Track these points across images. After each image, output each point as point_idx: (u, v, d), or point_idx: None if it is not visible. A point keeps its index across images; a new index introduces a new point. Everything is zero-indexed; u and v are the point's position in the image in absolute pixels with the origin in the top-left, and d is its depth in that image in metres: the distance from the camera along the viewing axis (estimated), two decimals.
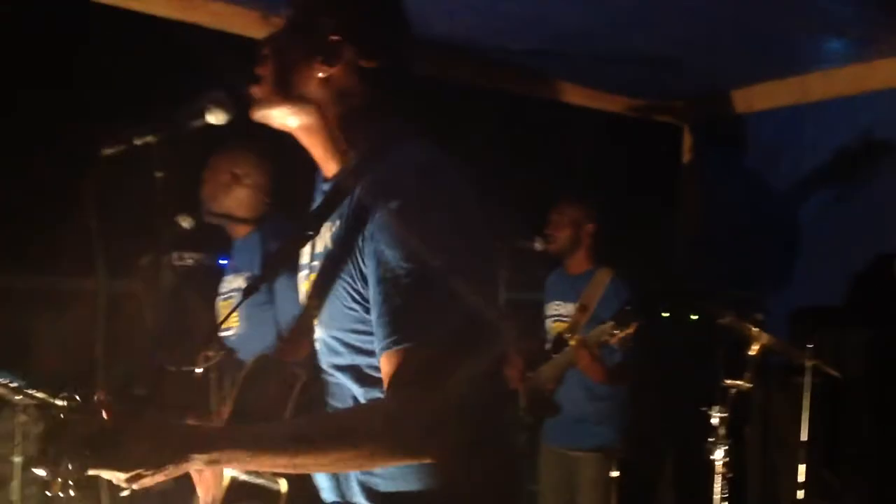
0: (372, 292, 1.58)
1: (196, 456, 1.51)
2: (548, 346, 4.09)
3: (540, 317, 4.24)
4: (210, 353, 3.17)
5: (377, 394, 1.63)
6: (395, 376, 1.54)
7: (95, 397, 1.51)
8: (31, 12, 3.52)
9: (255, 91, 1.73)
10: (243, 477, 1.79)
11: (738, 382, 3.53)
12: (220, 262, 3.77)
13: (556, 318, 4.14)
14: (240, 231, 3.43)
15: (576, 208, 4.10)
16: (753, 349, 3.57)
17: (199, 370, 3.12)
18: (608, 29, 4.12)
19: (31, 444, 3.46)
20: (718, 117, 5.20)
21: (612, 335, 3.58)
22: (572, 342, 3.80)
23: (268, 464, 1.57)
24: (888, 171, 4.36)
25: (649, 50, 4.39)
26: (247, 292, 1.84)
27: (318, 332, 1.73)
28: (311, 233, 1.74)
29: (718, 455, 3.54)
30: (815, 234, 4.68)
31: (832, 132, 4.66)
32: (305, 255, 1.82)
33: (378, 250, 1.56)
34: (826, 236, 4.60)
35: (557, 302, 4.16)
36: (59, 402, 3.59)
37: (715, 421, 3.54)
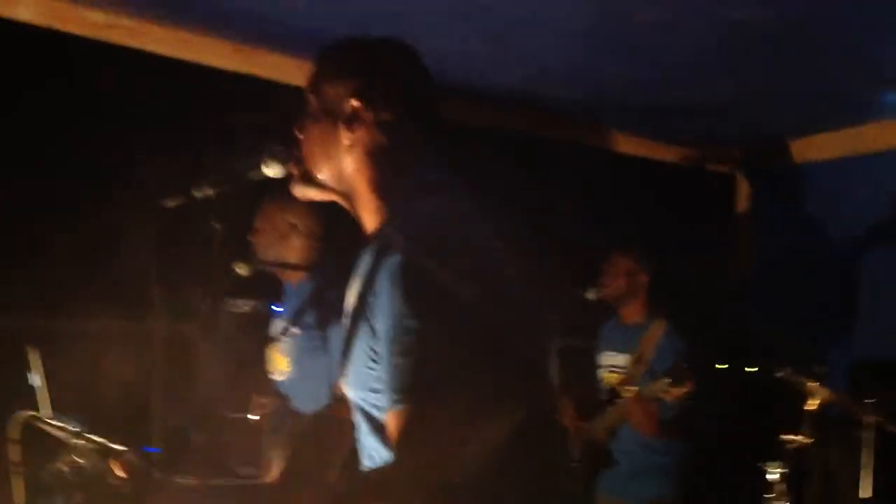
0: (382, 350, 1.57)
1: None
2: (602, 396, 4.07)
3: (593, 365, 4.22)
4: (264, 401, 3.20)
5: None
6: (397, 438, 1.53)
7: (120, 455, 1.52)
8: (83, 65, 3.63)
9: (294, 170, 1.81)
10: None
11: (797, 437, 3.47)
12: (275, 308, 3.83)
13: (611, 368, 4.12)
14: (293, 277, 3.48)
15: (629, 258, 4.09)
16: (812, 403, 3.51)
17: (254, 417, 3.15)
18: (662, 79, 4.14)
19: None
20: (773, 167, 5.18)
21: (667, 392, 3.55)
22: (626, 394, 3.77)
23: None
24: None
25: (704, 100, 4.39)
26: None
27: (349, 394, 1.72)
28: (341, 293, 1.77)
29: None
30: (874, 286, 4.62)
31: (887, 183, 4.62)
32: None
33: (383, 306, 1.56)
34: (884, 288, 4.54)
35: (611, 352, 4.14)
36: (118, 448, 3.63)
37: (772, 476, 3.46)
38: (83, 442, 3.46)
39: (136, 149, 3.41)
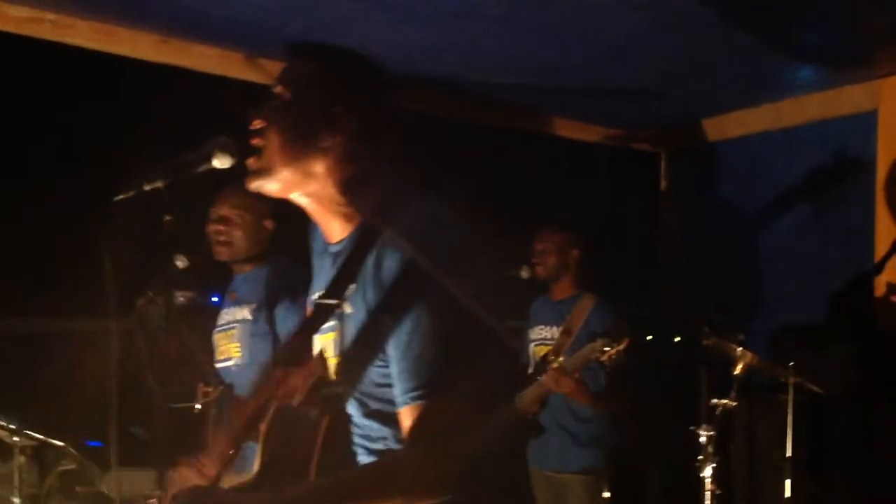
0: (392, 349, 1.69)
1: None
2: (530, 370, 4.15)
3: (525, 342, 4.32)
4: (209, 389, 3.24)
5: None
6: (414, 430, 1.66)
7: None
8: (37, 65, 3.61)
9: (254, 163, 1.80)
10: None
11: (724, 401, 3.62)
12: (212, 299, 3.85)
13: (540, 342, 4.19)
14: (245, 266, 3.52)
15: (561, 235, 4.19)
16: (738, 368, 3.66)
17: (198, 406, 3.18)
18: (586, 63, 4.24)
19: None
20: (694, 144, 5.33)
21: (604, 352, 3.63)
22: (554, 365, 3.85)
23: None
24: (859, 191, 4.49)
25: (626, 82, 4.51)
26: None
27: (348, 387, 1.81)
28: (335, 301, 1.80)
29: (707, 472, 3.62)
30: (792, 256, 4.80)
31: (805, 156, 4.80)
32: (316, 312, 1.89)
33: (397, 308, 1.67)
34: (802, 257, 4.72)
35: (541, 326, 4.22)
36: (57, 443, 3.62)
37: (703, 439, 3.62)
38: (24, 439, 3.47)
39: (77, 142, 3.40)
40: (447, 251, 1.69)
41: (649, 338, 3.73)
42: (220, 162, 1.88)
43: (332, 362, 1.85)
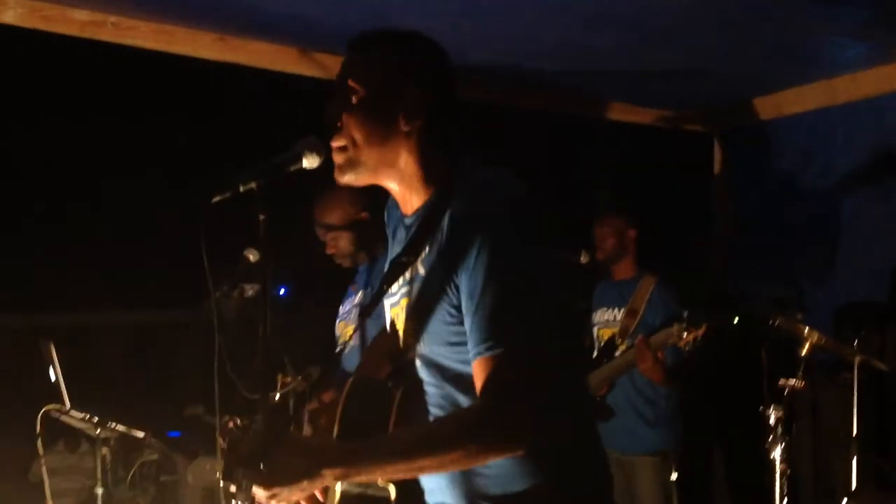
0: (465, 304, 1.75)
1: (328, 472, 1.65)
2: (595, 353, 4.19)
3: (587, 326, 4.35)
4: (287, 379, 3.31)
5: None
6: (488, 381, 1.71)
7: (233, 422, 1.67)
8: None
9: (342, 158, 1.89)
10: (355, 490, 1.92)
11: (792, 381, 3.62)
12: (279, 292, 3.93)
13: (604, 324, 4.24)
14: (361, 259, 3.61)
15: (618, 218, 4.23)
16: (805, 348, 3.66)
17: (277, 396, 3.25)
18: (635, 45, 4.25)
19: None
20: (748, 124, 5.31)
21: (681, 337, 3.67)
22: (622, 346, 3.89)
23: (390, 472, 1.73)
24: None
25: (677, 63, 4.51)
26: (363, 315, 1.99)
27: (421, 349, 1.89)
28: (408, 260, 1.89)
29: (777, 453, 3.63)
30: (850, 233, 4.78)
31: (860, 133, 4.77)
32: (393, 284, 1.97)
33: (473, 268, 1.73)
34: (861, 234, 4.70)
35: (604, 308, 4.27)
36: (138, 434, 3.71)
37: (772, 420, 3.62)
38: (106, 431, 3.57)
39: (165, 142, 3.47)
40: (523, 221, 1.78)
41: (736, 320, 3.72)
42: (310, 161, 1.94)
43: (403, 331, 1.92)
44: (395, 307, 1.98)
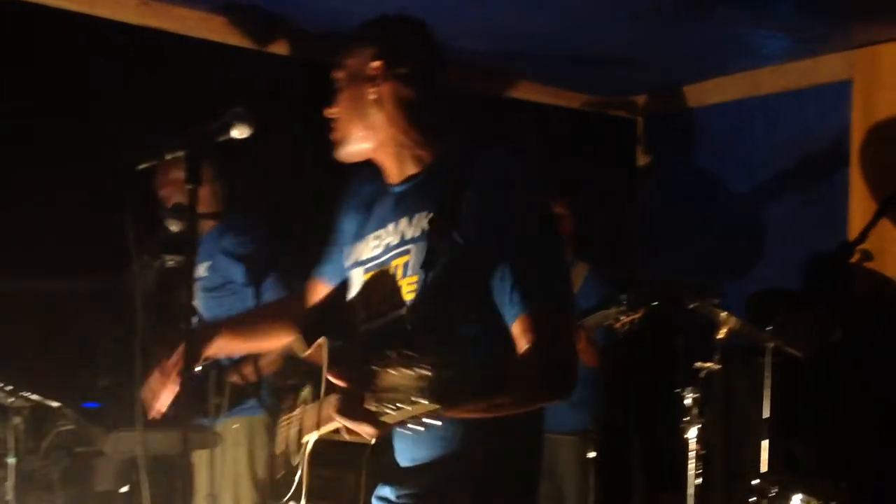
0: (507, 266, 1.83)
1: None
2: None
3: None
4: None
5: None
6: (534, 333, 1.80)
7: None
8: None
9: (335, 135, 2.03)
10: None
11: (708, 364, 3.71)
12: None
13: None
14: (202, 227, 3.64)
15: (559, 204, 4.24)
16: (721, 332, 3.75)
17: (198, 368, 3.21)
18: (565, 30, 4.28)
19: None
20: (671, 112, 5.39)
21: (618, 319, 3.74)
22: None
23: (470, 409, 1.75)
24: (836, 159, 4.58)
25: (604, 49, 4.56)
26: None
27: (418, 310, 1.88)
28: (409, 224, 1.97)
29: (692, 434, 3.72)
30: (769, 221, 4.90)
31: (782, 123, 4.88)
32: (371, 248, 2.04)
33: (503, 230, 1.83)
34: (779, 222, 4.82)
35: None
36: (54, 404, 3.62)
37: (688, 402, 3.71)
38: (20, 400, 3.47)
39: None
40: (535, 192, 1.92)
41: (655, 304, 3.80)
42: (239, 132, 1.94)
43: (404, 283, 1.92)
44: (396, 259, 1.98)
